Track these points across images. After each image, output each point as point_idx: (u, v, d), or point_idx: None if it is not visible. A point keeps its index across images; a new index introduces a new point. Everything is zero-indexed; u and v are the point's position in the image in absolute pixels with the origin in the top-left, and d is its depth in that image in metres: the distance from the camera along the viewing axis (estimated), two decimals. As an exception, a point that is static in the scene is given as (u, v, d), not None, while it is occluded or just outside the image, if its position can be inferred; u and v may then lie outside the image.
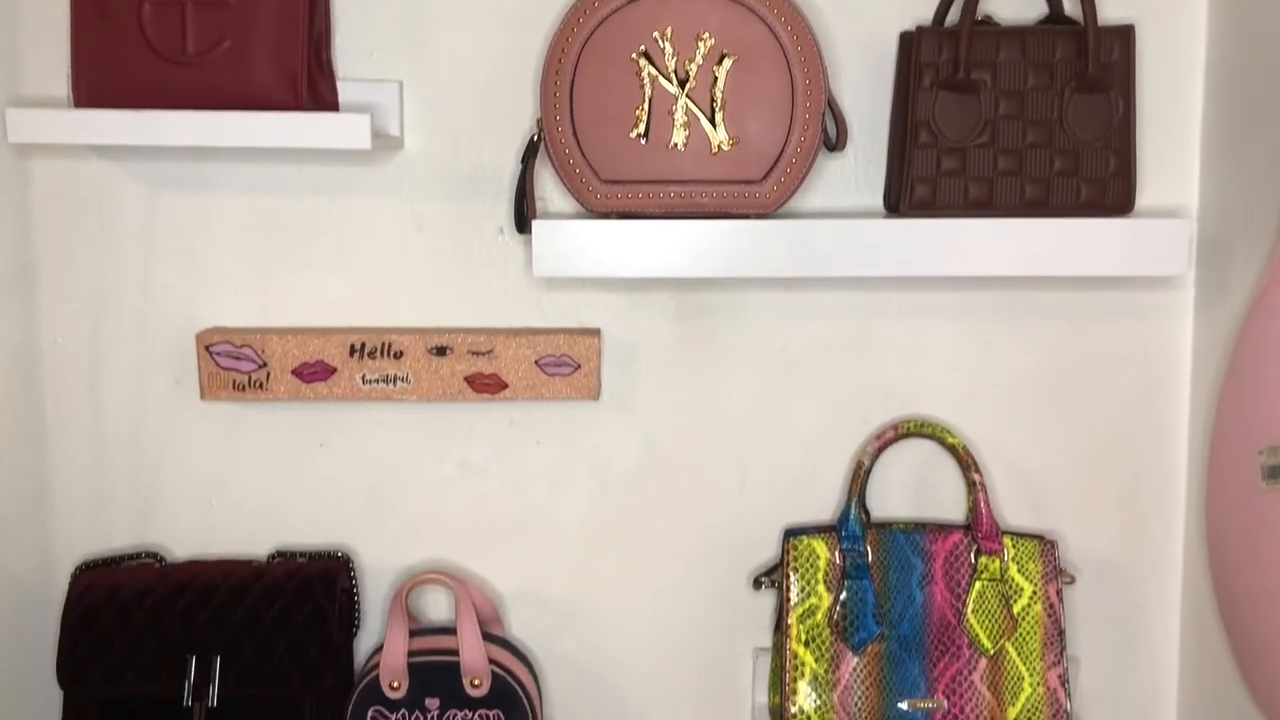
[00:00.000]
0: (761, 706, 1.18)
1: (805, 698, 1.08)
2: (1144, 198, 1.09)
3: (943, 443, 1.11)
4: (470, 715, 1.09)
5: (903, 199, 1.05)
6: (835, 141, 1.06)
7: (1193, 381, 1.13)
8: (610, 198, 1.03)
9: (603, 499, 1.17)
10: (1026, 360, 1.14)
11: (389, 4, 1.09)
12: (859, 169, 1.11)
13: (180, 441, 1.16)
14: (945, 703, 1.08)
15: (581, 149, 1.02)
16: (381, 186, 1.12)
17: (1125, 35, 1.03)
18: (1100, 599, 1.17)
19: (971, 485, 1.11)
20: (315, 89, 1.03)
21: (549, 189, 1.11)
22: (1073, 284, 1.12)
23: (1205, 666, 1.13)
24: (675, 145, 1.02)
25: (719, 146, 1.02)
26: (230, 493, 1.17)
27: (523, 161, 1.06)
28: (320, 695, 1.08)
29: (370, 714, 1.09)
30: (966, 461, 1.11)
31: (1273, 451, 0.92)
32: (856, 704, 1.08)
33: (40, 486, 1.16)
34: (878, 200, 1.11)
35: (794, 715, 1.08)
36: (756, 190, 1.03)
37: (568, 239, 1.02)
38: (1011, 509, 1.16)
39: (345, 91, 1.08)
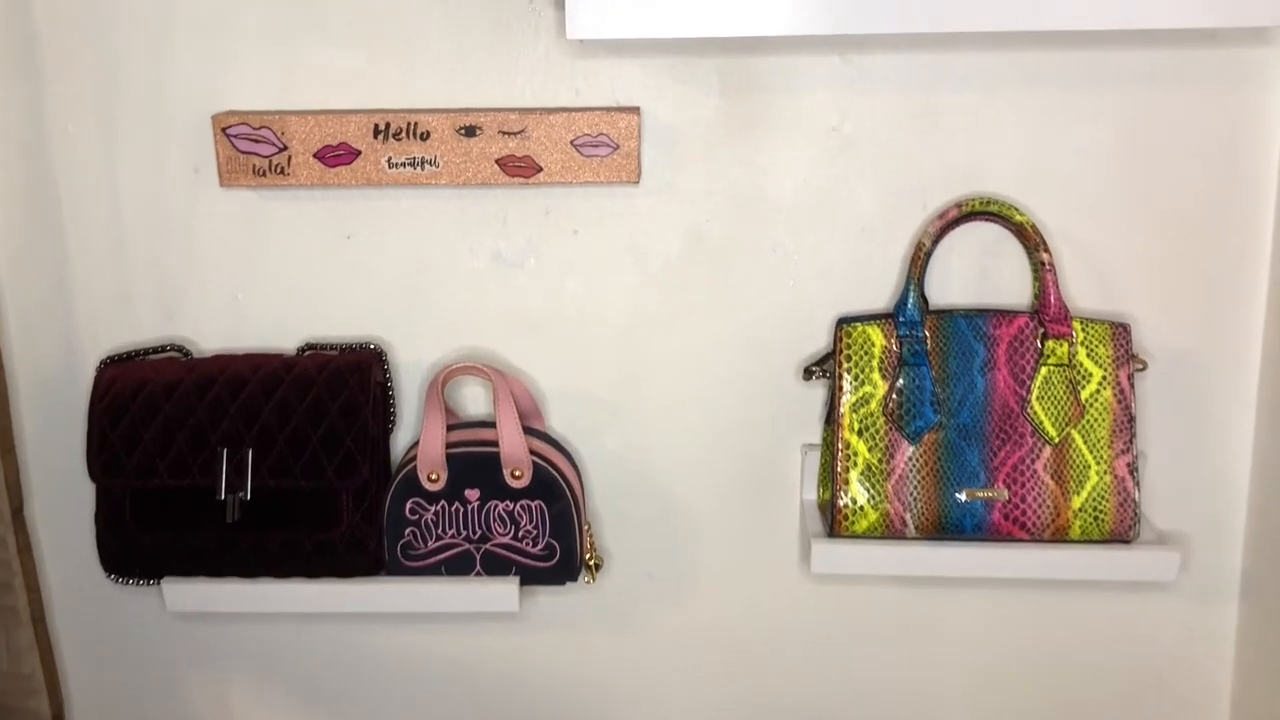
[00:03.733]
0: (810, 503, 1.14)
1: (858, 488, 1.04)
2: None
3: (1009, 221, 1.04)
4: (512, 506, 1.06)
5: (972, -53, 0.95)
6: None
7: (1284, 151, 1.04)
8: (650, -52, 0.94)
9: (644, 290, 1.11)
10: (1099, 132, 1.05)
11: None
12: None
13: (202, 233, 1.10)
14: (1006, 492, 1.03)
15: (618, -107, 0.93)
16: (401, -50, 1.03)
17: None
18: (1172, 389, 1.10)
19: (1040, 266, 1.03)
20: None
21: (583, -53, 1.02)
22: (1151, 41, 1.02)
23: (1279, 459, 1.07)
24: (722, -114, 0.92)
25: (770, -113, 0.92)
26: (255, 286, 1.12)
27: (554, -89, 0.97)
28: (357, 487, 1.05)
29: (409, 506, 1.06)
30: (1034, 240, 1.03)
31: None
32: (912, 494, 1.03)
33: (61, 281, 1.12)
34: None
35: (845, 507, 1.04)
36: (811, -63, 0.93)
37: (605, -6, 0.93)
38: (1080, 293, 1.09)
39: None
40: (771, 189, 1.08)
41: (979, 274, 1.09)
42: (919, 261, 1.04)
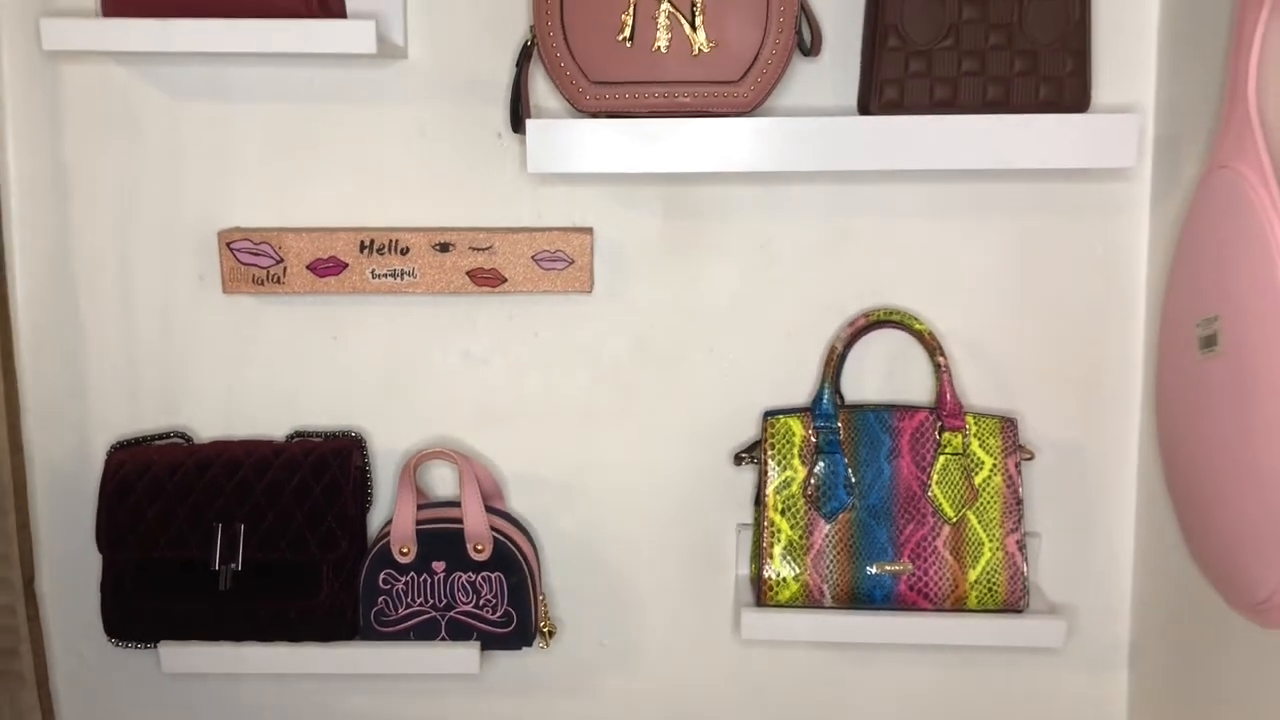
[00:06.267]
0: (743, 577, 1.27)
1: (781, 562, 1.17)
2: (1101, 95, 1.16)
3: (910, 329, 1.19)
4: (474, 577, 1.19)
5: (873, 99, 1.11)
6: (810, 47, 1.12)
7: (1148, 270, 1.20)
8: (599, 98, 1.10)
9: (596, 386, 1.26)
10: (992, 252, 1.21)
11: (392, -81, 1.16)
12: (834, 73, 1.17)
13: (205, 333, 1.25)
14: (911, 566, 1.16)
15: (571, 52, 1.08)
16: (387, 93, 1.19)
17: (1081, -60, 1.08)
18: (1060, 478, 1.25)
19: (937, 368, 1.19)
20: (324, 1, 1.10)
21: (543, 93, 1.18)
22: (1034, 177, 1.19)
23: (1158, 541, 1.21)
24: (659, 48, 1.08)
25: (699, 49, 1.08)
26: (251, 381, 1.26)
27: (517, 65, 1.13)
28: (336, 560, 1.17)
29: (382, 576, 1.19)
30: (932, 346, 1.18)
31: (1207, 323, 0.99)
32: (829, 567, 1.17)
33: (77, 375, 1.25)
34: (852, 102, 1.17)
35: (770, 579, 1.17)
36: (735, 90, 1.09)
37: (560, 137, 1.09)
38: (978, 392, 1.24)
39: (352, 3, 1.15)
40: (708, 299, 1.24)
41: (888, 375, 1.24)
42: (832, 363, 1.19)
